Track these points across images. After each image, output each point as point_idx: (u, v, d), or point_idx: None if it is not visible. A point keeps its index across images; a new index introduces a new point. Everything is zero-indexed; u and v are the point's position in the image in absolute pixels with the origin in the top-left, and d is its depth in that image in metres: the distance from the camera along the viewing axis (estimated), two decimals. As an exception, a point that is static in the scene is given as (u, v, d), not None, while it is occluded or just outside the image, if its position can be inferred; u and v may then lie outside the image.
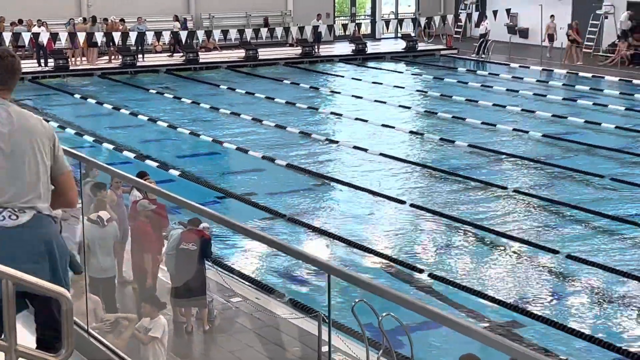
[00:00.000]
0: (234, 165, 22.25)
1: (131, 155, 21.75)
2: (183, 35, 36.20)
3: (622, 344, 11.75)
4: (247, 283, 13.18)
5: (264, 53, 37.28)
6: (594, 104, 28.27)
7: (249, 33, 37.51)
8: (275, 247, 6.47)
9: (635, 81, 31.91)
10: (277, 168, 20.90)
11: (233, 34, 37.02)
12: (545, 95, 29.80)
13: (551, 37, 36.97)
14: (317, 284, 13.22)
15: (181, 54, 36.47)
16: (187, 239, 10.86)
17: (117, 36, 34.72)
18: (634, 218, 16.88)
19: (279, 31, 38.23)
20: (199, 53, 36.47)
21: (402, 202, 18.03)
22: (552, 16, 36.91)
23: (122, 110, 27.38)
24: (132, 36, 35.10)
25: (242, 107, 27.97)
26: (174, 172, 20.10)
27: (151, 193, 10.73)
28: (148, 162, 20.82)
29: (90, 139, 23.60)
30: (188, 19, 39.99)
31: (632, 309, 13.01)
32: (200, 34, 37.20)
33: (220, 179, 20.34)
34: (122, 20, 36.91)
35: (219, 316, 11.35)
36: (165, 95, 30.24)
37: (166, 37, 36.24)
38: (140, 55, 35.80)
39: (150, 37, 35.77)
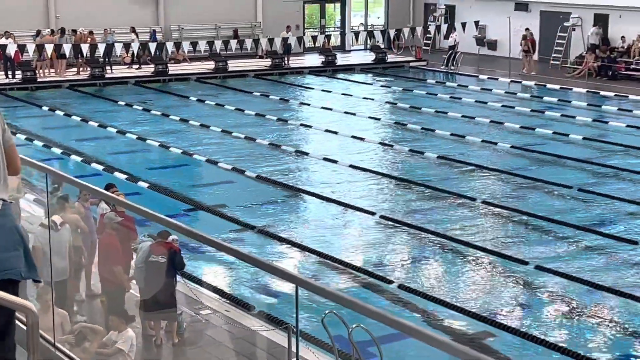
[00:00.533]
0: (203, 177, 22.19)
1: (100, 167, 21.62)
2: (152, 47, 36.10)
3: (590, 354, 11.81)
4: (216, 296, 13.13)
5: (233, 65, 37.24)
6: (561, 115, 28.50)
7: (218, 45, 37.45)
8: (244, 260, 6.45)
9: (602, 93, 32.21)
10: (247, 180, 20.86)
11: (202, 45, 36.94)
12: (513, 107, 30.00)
13: (527, 51, 37.14)
14: (287, 296, 13.18)
15: (148, 65, 36.31)
16: (156, 252, 10.79)
17: (85, 48, 34.54)
18: (602, 228, 16.99)
19: (248, 43, 38.19)
20: (169, 65, 36.36)
21: (372, 214, 18.05)
22: (527, 29, 37.13)
23: (91, 122, 27.21)
24: (101, 48, 34.94)
25: (212, 119, 27.91)
26: (143, 184, 19.99)
27: (120, 205, 10.68)
28: (117, 174, 20.70)
29: (58, 151, 23.43)
30: (157, 30, 39.87)
31: (600, 320, 13.09)
32: (170, 46, 37.13)
33: (190, 191, 20.25)
34: (90, 32, 36.72)
35: (189, 329, 11.28)
36: (135, 107, 30.10)
37: (135, 49, 36.12)
38: (108, 67, 35.62)
39: (119, 49, 35.63)
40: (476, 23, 40.55)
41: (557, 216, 17.68)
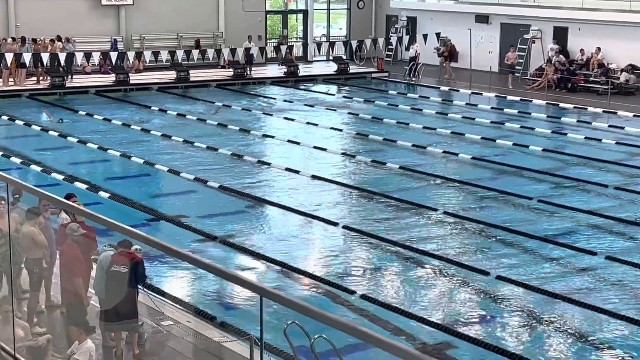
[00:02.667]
0: (165, 187, 22.08)
1: (60, 177, 21.43)
2: (113, 56, 35.93)
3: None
4: (178, 306, 13.05)
5: (195, 75, 37.13)
6: (521, 126, 28.75)
7: (180, 54, 37.37)
8: (207, 269, 6.43)
9: (561, 105, 32.55)
10: (209, 190, 20.79)
11: (164, 55, 36.85)
12: (474, 118, 30.21)
13: (446, 57, 37.94)
14: (249, 306, 13.15)
15: (109, 74, 36.09)
16: (118, 262, 10.70)
17: (45, 57, 34.26)
18: (561, 239, 17.15)
19: (210, 53, 38.15)
20: (130, 74, 36.18)
21: (335, 224, 18.07)
22: (512, 46, 37.47)
23: (51, 132, 26.98)
24: (62, 57, 34.70)
25: (174, 129, 27.80)
26: (104, 195, 19.85)
27: (82, 215, 10.59)
28: (77, 184, 20.53)
29: (17, 160, 23.20)
30: (119, 40, 39.66)
31: (560, 329, 13.20)
32: (131, 55, 36.96)
33: (152, 201, 20.15)
34: (52, 40, 36.44)
35: (150, 340, 11.20)
36: (95, 116, 29.88)
37: (96, 58, 35.92)
38: (69, 76, 35.36)
39: (79, 58, 35.41)
40: (437, 35, 40.83)
41: (517, 227, 17.82)
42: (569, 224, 18.36)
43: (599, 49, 35.46)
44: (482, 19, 40.50)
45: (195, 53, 37.73)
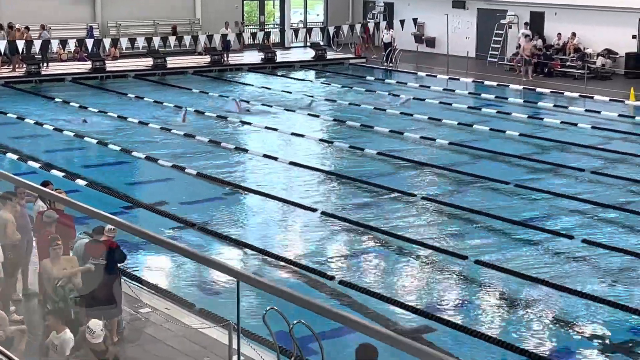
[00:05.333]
0: (143, 175, 21.98)
1: (36, 165, 21.30)
2: (89, 43, 35.69)
3: (530, 347, 11.98)
4: (156, 293, 13.02)
5: (172, 61, 36.96)
6: (498, 112, 28.84)
7: (156, 41, 37.17)
8: (184, 254, 6.42)
9: (538, 89, 32.67)
10: (187, 177, 20.73)
11: (140, 42, 36.65)
12: (451, 104, 30.26)
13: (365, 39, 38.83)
14: (227, 292, 13.13)
15: (85, 62, 35.84)
16: (94, 254, 10.62)
17: (21, 44, 33.98)
18: (539, 223, 17.24)
19: (187, 39, 37.97)
20: (106, 61, 35.93)
21: (313, 210, 18.07)
22: (526, 36, 35.95)
23: (27, 120, 26.78)
24: (37, 44, 34.44)
25: (151, 116, 27.67)
26: (81, 182, 19.74)
27: (61, 203, 10.54)
28: (54, 172, 20.41)
29: (-7, 149, 23.04)
30: (94, 27, 39.37)
31: (539, 313, 13.27)
32: (107, 42, 36.72)
33: (129, 188, 20.08)
34: (27, 27, 36.13)
35: (128, 327, 11.17)
36: (72, 104, 29.69)
37: (72, 45, 35.67)
38: (44, 64, 35.10)
39: (55, 45, 35.17)
40: (414, 20, 40.85)
41: (495, 211, 17.88)
42: (546, 208, 18.45)
43: (574, 34, 35.57)
44: (459, 4, 40.54)
45: (172, 40, 37.57)
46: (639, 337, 12.55)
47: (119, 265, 11.09)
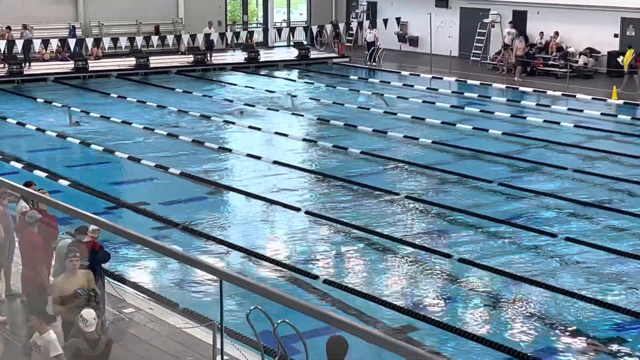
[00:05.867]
0: (126, 175, 21.91)
1: (19, 165, 21.20)
2: (72, 42, 35.55)
3: (514, 345, 12.02)
4: (140, 293, 12.99)
5: (155, 61, 36.86)
6: (481, 110, 28.91)
7: (139, 41, 37.07)
8: (167, 254, 6.40)
9: (521, 88, 32.76)
10: (171, 177, 20.69)
11: (123, 41, 36.54)
12: (434, 103, 30.31)
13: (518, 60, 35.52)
14: (211, 292, 13.11)
15: (68, 62, 35.69)
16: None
17: (2, 44, 33.81)
18: (522, 221, 17.29)
19: (170, 39, 37.88)
20: (88, 61, 35.79)
21: (297, 210, 18.06)
22: (520, 35, 36.18)
23: (9, 120, 26.65)
24: (19, 44, 34.28)
25: (134, 116, 27.60)
26: (64, 182, 19.67)
27: (43, 203, 10.49)
28: (36, 172, 20.32)
29: (-25, 149, 22.92)
30: (77, 26, 39.23)
31: (523, 311, 13.32)
32: (90, 42, 36.59)
33: (112, 188, 20.01)
34: (8, 27, 35.96)
35: (111, 327, 11.13)
36: (55, 104, 29.57)
37: (54, 45, 35.52)
38: (26, 64, 34.94)
39: (37, 45, 35.02)
40: (398, 20, 40.90)
41: (478, 210, 17.93)
42: (529, 207, 18.51)
43: (557, 32, 35.70)
44: (442, 3, 40.62)
45: (154, 39, 37.46)
46: (622, 334, 12.60)
47: (102, 265, 11.06)
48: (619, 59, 32.70)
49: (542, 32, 36.58)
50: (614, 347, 12.22)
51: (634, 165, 21.90)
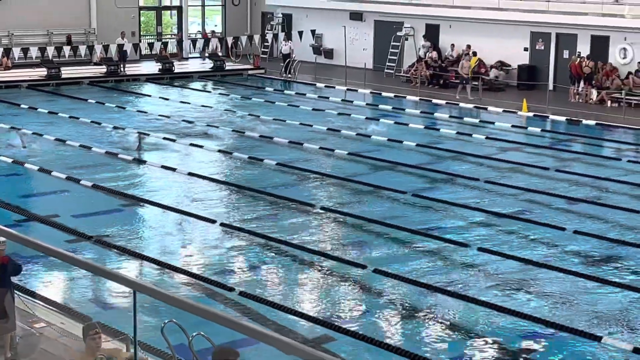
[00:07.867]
0: (36, 187, 21.48)
1: None
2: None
3: (429, 355, 12.12)
4: (51, 307, 12.71)
5: (67, 72, 36.29)
6: (395, 122, 29.20)
7: (50, 51, 36.45)
8: (79, 266, 6.29)
9: (434, 100, 33.21)
10: (83, 189, 20.35)
11: (34, 52, 35.89)
12: (349, 115, 30.51)
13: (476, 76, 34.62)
14: (124, 306, 12.92)
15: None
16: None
17: None
18: (435, 232, 17.49)
19: (82, 49, 37.34)
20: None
21: (212, 222, 17.95)
22: (471, 53, 35.14)
23: None
24: None
25: (45, 127, 27.09)
26: (-28, 195, 19.19)
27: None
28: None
29: None
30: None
31: (437, 321, 13.45)
32: (-1, 52, 35.88)
33: (22, 200, 19.57)
34: None
35: (22, 342, 10.86)
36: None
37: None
38: None
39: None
40: (313, 32, 41.10)
41: (393, 220, 18.07)
42: (442, 217, 18.74)
43: (469, 46, 36.31)
44: (356, 16, 40.97)
45: (66, 49, 36.89)
46: (534, 342, 12.83)
47: (12, 278, 10.76)
48: (461, 65, 33.88)
49: (452, 44, 37.18)
50: (525, 355, 12.43)
51: (544, 176, 22.37)
